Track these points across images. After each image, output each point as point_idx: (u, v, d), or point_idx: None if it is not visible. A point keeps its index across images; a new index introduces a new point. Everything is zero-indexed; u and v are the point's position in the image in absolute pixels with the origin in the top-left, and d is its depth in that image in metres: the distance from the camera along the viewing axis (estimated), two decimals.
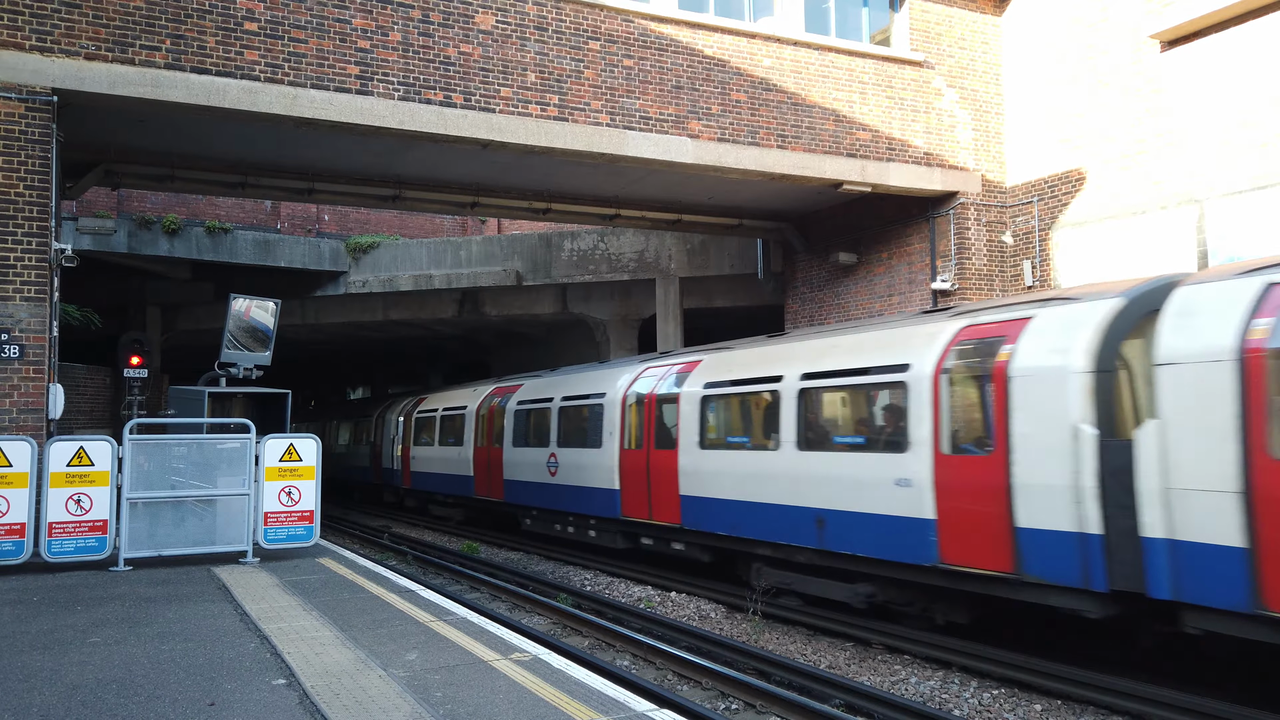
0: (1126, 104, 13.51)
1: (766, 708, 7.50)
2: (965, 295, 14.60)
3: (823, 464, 9.92)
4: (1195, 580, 6.51)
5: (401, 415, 23.47)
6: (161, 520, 9.76)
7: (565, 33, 12.71)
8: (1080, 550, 7.23)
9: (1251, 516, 6.20)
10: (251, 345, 11.87)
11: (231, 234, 21.28)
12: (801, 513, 10.07)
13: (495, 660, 5.78)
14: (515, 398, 17.55)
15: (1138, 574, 6.90)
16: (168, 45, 10.74)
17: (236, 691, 5.19)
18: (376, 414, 26.00)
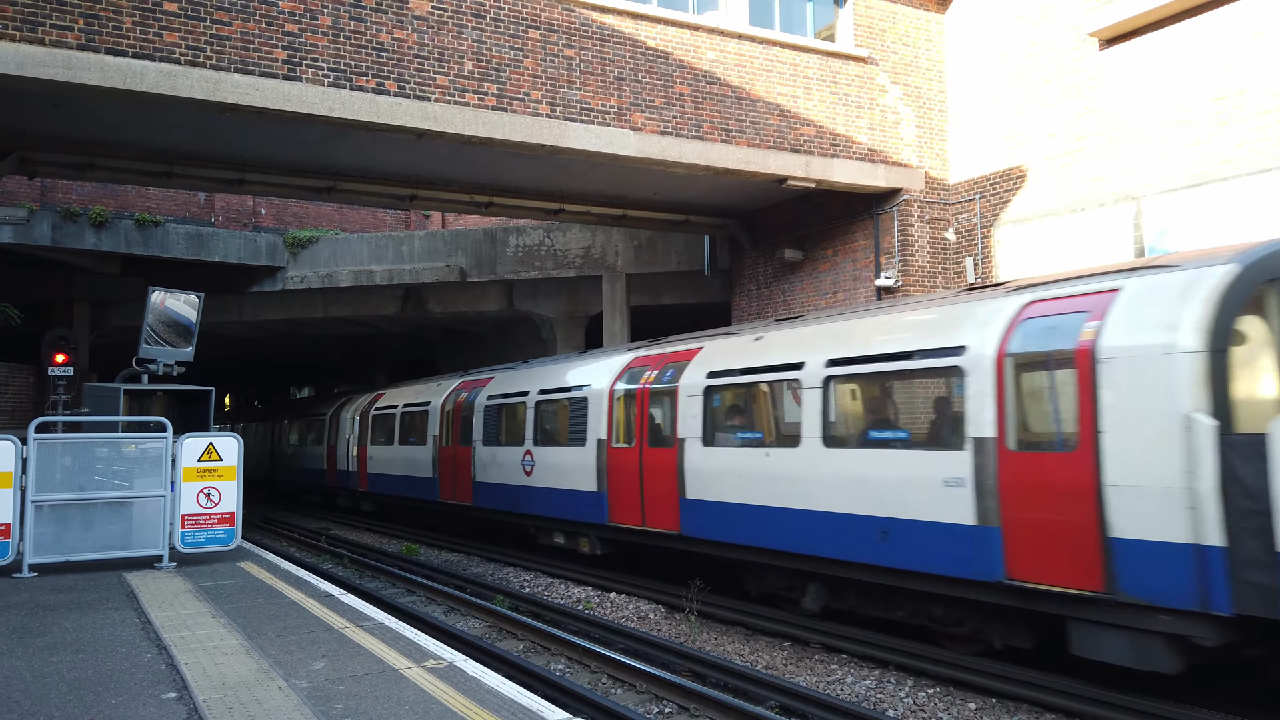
0: (1067, 102, 13.57)
1: (700, 710, 7.30)
2: (908, 292, 14.56)
3: (856, 463, 8.65)
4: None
5: (357, 414, 21.97)
6: (70, 524, 9.28)
7: (504, 20, 12.38)
8: (1195, 566, 6.04)
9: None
10: (173, 340, 11.37)
11: (163, 227, 20.54)
12: (824, 519, 8.88)
13: (407, 669, 5.48)
14: (485, 392, 16.46)
15: (1273, 595, 5.76)
16: (81, 25, 10.20)
17: (121, 707, 4.84)
18: (331, 412, 24.22)
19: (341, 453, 22.67)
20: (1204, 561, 6.01)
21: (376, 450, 20.71)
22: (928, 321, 8.55)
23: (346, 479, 22.23)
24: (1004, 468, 7.17)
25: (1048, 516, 6.84)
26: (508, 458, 15.14)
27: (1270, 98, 11.19)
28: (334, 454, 23.26)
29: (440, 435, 18.00)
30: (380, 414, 20.32)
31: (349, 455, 22.04)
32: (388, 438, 19.94)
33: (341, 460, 22.73)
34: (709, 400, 10.69)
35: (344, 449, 22.56)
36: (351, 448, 21.85)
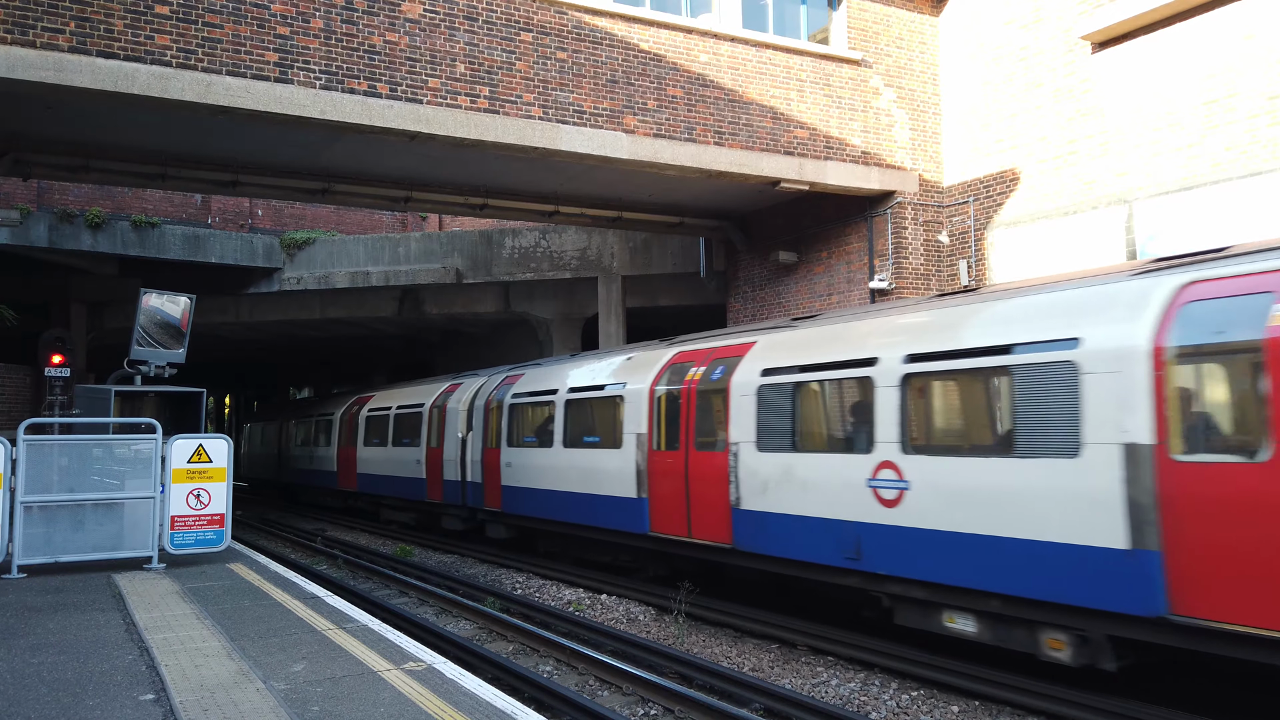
0: (1059, 105, 13.58)
1: (685, 712, 7.31)
2: (902, 294, 14.57)
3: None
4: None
5: (479, 405, 16.73)
6: (59, 525, 9.30)
7: (496, 23, 12.41)
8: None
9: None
10: (165, 341, 11.39)
11: (159, 229, 20.58)
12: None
13: (386, 670, 5.50)
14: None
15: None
16: (72, 28, 10.24)
17: (98, 708, 4.85)
18: (430, 404, 18.87)
19: (453, 456, 17.09)
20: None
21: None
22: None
23: (465, 493, 16.51)
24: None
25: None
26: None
27: (1260, 101, 11.20)
28: (437, 460, 17.66)
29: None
30: (526, 404, 14.94)
31: (470, 461, 16.43)
32: (546, 436, 14.19)
33: (452, 468, 17.04)
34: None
35: (459, 452, 16.88)
36: (473, 450, 16.36)
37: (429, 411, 18.09)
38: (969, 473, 7.42)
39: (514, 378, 15.58)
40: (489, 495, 15.49)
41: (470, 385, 17.10)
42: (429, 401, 18.15)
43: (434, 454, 17.73)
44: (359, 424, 21.56)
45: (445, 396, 17.78)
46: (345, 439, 22.46)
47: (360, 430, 21.38)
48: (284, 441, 28.75)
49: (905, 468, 7.95)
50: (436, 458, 17.59)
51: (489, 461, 15.51)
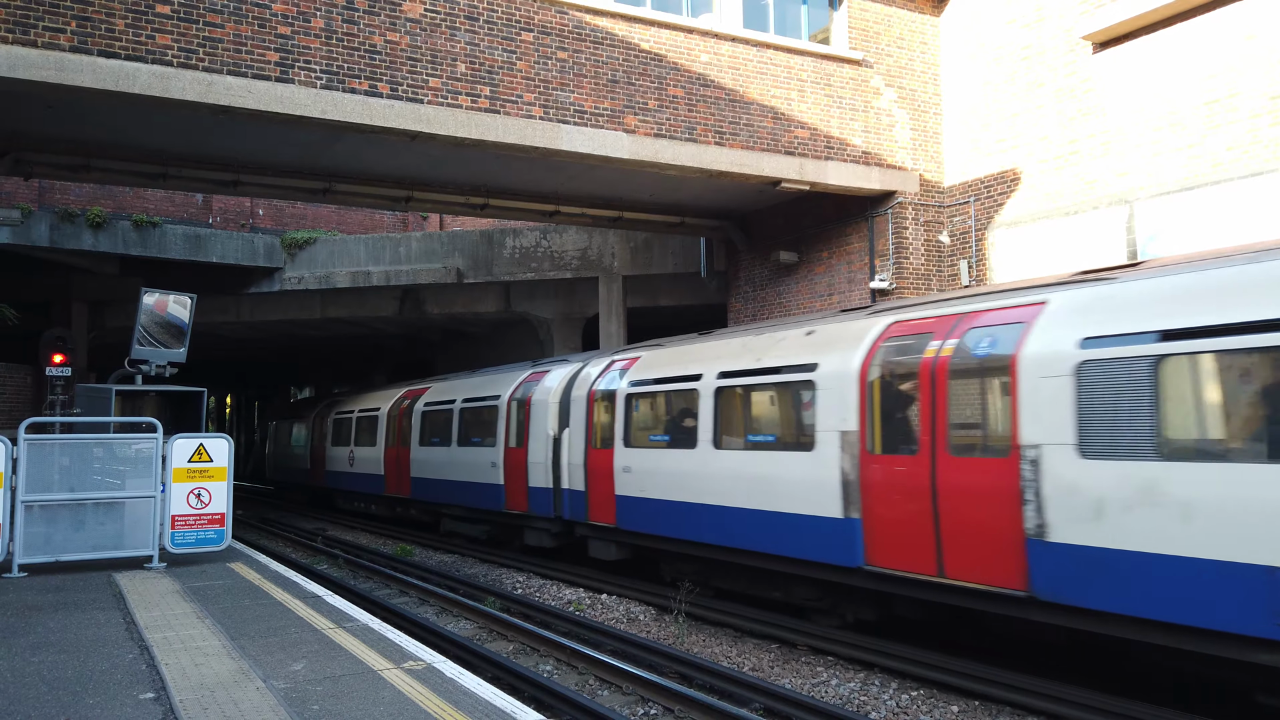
0: (1060, 105, 13.57)
1: (685, 712, 7.31)
2: (903, 295, 14.57)
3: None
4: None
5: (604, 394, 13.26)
6: (60, 524, 9.31)
7: (497, 23, 12.41)
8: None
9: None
10: (166, 341, 11.40)
11: (161, 228, 20.59)
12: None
13: (386, 670, 5.50)
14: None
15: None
16: (73, 27, 10.25)
17: (98, 707, 4.86)
18: (508, 396, 15.63)
19: (541, 459, 13.96)
20: None
21: (644, 457, 11.85)
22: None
23: (559, 503, 13.53)
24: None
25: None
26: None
27: (1262, 101, 11.19)
28: (519, 463, 14.63)
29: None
30: (652, 394, 12.01)
31: (567, 465, 13.32)
32: (685, 435, 11.18)
33: (540, 472, 13.96)
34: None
35: (549, 453, 13.85)
36: (571, 451, 13.28)
37: (507, 405, 15.20)
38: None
39: (627, 361, 12.69)
40: (595, 507, 12.50)
41: (560, 373, 14.27)
42: (506, 393, 15.36)
43: (515, 456, 14.73)
44: (413, 420, 18.85)
45: (528, 387, 14.90)
46: (395, 437, 19.76)
47: (415, 428, 18.70)
48: (317, 441, 25.44)
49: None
50: (518, 461, 14.61)
51: (596, 465, 12.55)
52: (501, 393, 15.63)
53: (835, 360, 8.97)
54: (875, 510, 8.34)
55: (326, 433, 24.47)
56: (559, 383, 14.15)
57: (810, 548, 8.98)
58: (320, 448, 25.10)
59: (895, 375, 8.45)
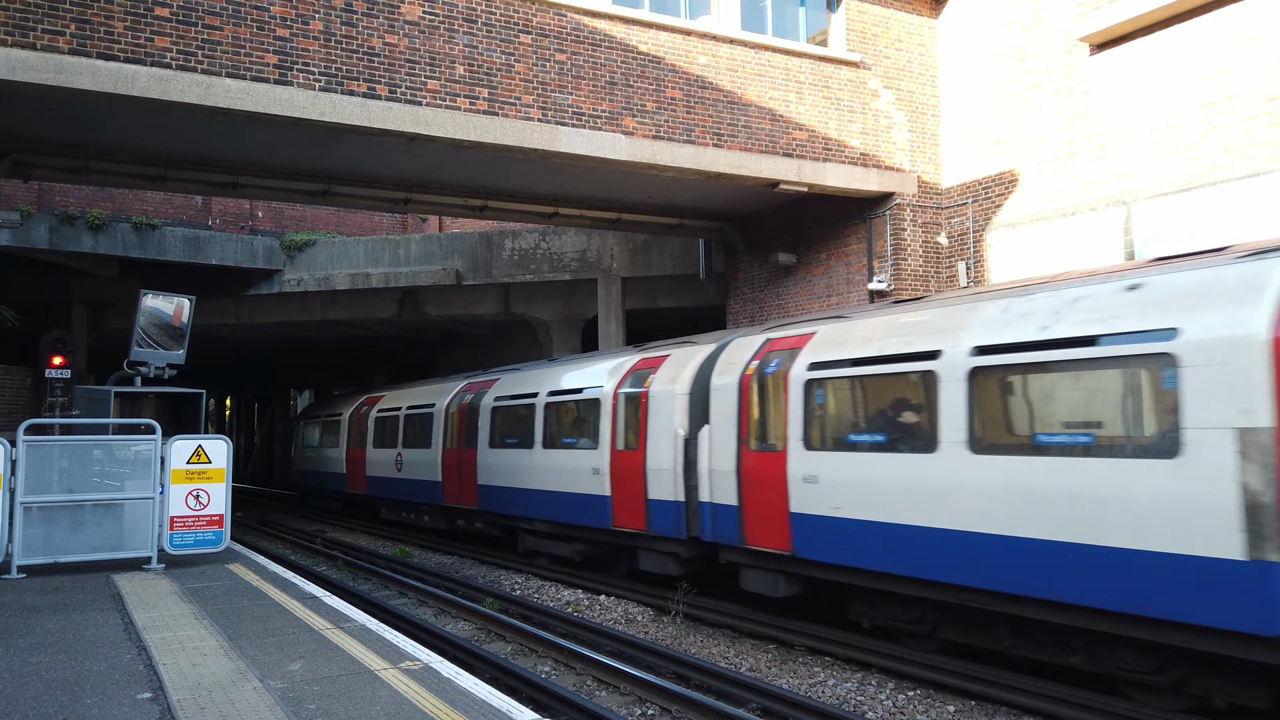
0: (1058, 106, 13.60)
1: (683, 712, 7.32)
2: (901, 295, 14.58)
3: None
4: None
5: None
6: (58, 525, 9.33)
7: (495, 25, 12.44)
8: None
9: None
10: (165, 343, 11.42)
11: (160, 230, 20.62)
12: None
13: (383, 670, 5.52)
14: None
15: None
16: (72, 30, 10.27)
17: (95, 706, 4.88)
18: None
19: (666, 464, 11.40)
20: None
21: (841, 464, 9.20)
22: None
23: (693, 520, 11.04)
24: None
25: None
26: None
27: (1259, 103, 11.21)
28: (633, 469, 11.96)
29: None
30: (851, 378, 9.22)
31: (707, 471, 10.76)
32: (913, 436, 8.59)
33: (664, 481, 11.40)
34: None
35: (676, 458, 11.27)
36: (711, 454, 10.75)
37: (613, 399, 12.51)
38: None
39: (795, 338, 9.93)
40: (756, 527, 9.83)
41: (686, 357, 11.72)
42: (610, 384, 12.71)
43: (625, 461, 12.07)
44: (480, 418, 16.21)
45: (640, 376, 12.27)
46: (456, 438, 17.16)
47: (484, 427, 16.06)
48: (354, 442, 22.59)
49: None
50: (630, 467, 11.94)
51: (755, 473, 9.91)
52: (603, 384, 12.87)
53: (1220, 320, 6.27)
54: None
55: (367, 433, 21.61)
56: (688, 370, 11.45)
57: (1165, 602, 6.28)
58: (358, 450, 22.14)
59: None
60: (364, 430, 21.84)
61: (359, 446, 22.08)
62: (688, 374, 11.47)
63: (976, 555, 7.51)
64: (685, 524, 11.03)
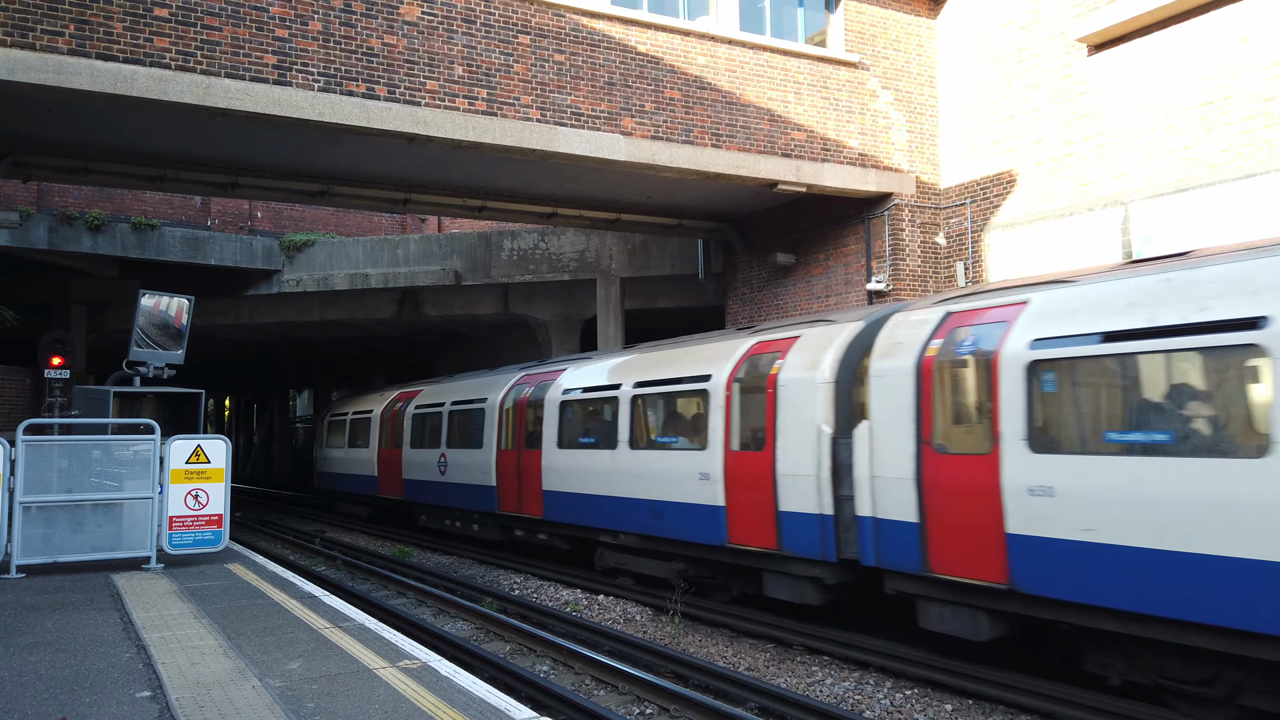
0: (1056, 107, 13.62)
1: (681, 711, 7.34)
2: (900, 296, 14.61)
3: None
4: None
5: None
6: (57, 525, 9.34)
7: (494, 26, 12.46)
8: None
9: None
10: (164, 343, 11.43)
11: (159, 230, 20.63)
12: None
13: (381, 668, 5.53)
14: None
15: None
16: (71, 30, 10.29)
17: (94, 705, 4.89)
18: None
19: (805, 469, 9.46)
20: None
21: (1089, 474, 7.04)
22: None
23: (844, 538, 9.12)
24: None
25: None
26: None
27: (1256, 103, 11.24)
28: (758, 475, 10.06)
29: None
30: (1115, 356, 7.06)
31: (866, 479, 8.82)
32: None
33: (801, 489, 9.50)
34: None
35: (819, 461, 9.35)
36: (869, 457, 8.84)
37: (726, 390, 10.58)
38: None
39: (999, 311, 7.89)
40: (950, 550, 7.78)
41: (823, 340, 9.73)
42: (721, 372, 10.75)
43: (746, 465, 10.18)
44: (545, 415, 14.20)
45: (763, 362, 10.33)
46: (513, 438, 15.25)
47: (548, 424, 14.10)
48: (387, 442, 20.58)
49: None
50: (753, 471, 10.03)
51: (945, 481, 7.87)
52: (711, 372, 10.91)
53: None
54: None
55: (403, 431, 19.65)
56: (830, 353, 9.44)
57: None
58: (393, 451, 20.14)
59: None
60: (399, 429, 19.89)
61: (393, 446, 20.07)
62: (831, 358, 9.43)
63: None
64: (835, 543, 8.97)
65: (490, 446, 15.77)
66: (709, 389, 10.87)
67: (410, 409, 19.52)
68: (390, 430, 20.37)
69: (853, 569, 8.95)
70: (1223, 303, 6.18)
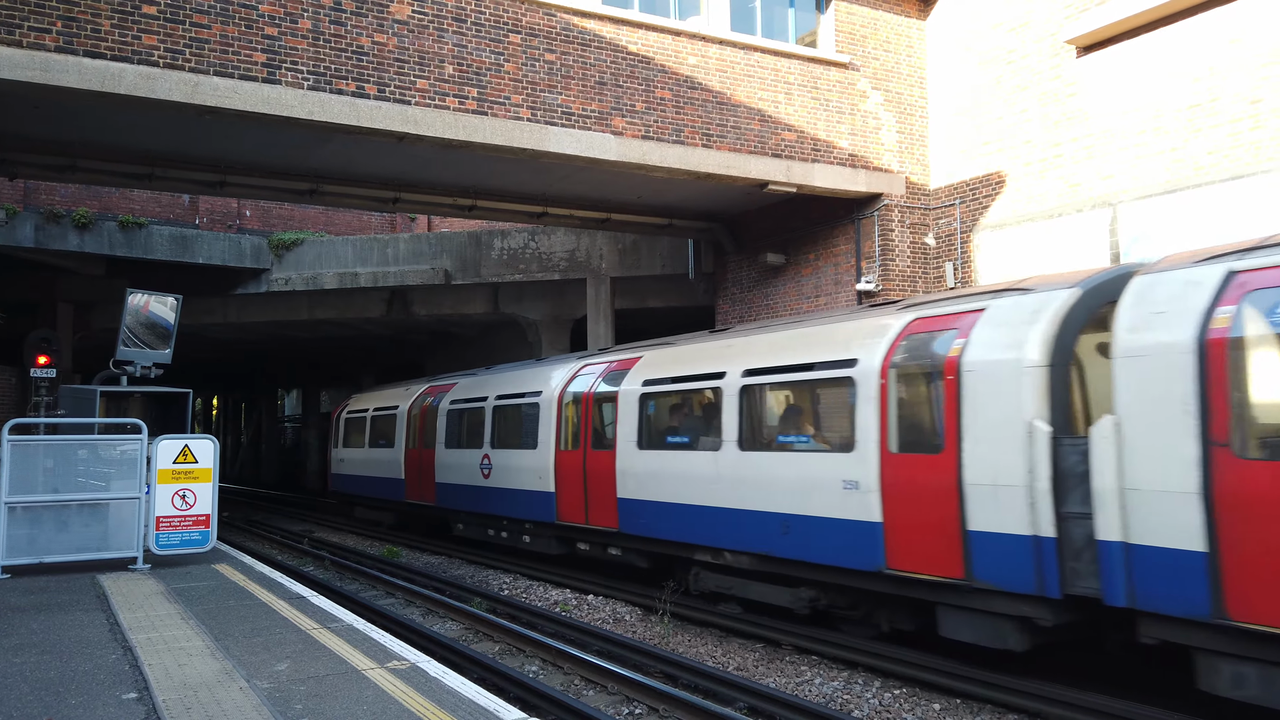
0: (1044, 109, 13.68)
1: (670, 711, 7.34)
2: (889, 296, 14.65)
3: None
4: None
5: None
6: (43, 526, 9.28)
7: (485, 25, 12.43)
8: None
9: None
10: (151, 342, 11.37)
11: (147, 229, 20.52)
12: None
13: (370, 669, 5.51)
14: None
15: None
16: (59, 27, 10.22)
17: (80, 707, 4.86)
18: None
19: (991, 475, 7.47)
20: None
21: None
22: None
23: (1184, 586, 6.22)
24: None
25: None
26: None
27: (1243, 105, 11.31)
28: (935, 484, 7.89)
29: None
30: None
31: (1154, 494, 6.44)
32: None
33: (1001, 504, 7.36)
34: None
35: (1093, 463, 6.87)
36: (1166, 467, 6.39)
37: (880, 376, 8.45)
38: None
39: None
40: (1263, 594, 5.84)
41: (1024, 312, 7.66)
42: (872, 356, 8.66)
43: (912, 470, 8.13)
44: (617, 409, 12.34)
45: (938, 343, 8.18)
46: (573, 436, 13.25)
47: (624, 421, 12.05)
48: (415, 442, 18.37)
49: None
50: (924, 479, 8.00)
51: (1259, 497, 5.91)
52: (858, 355, 8.81)
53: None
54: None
55: (435, 429, 17.45)
56: (1039, 329, 7.37)
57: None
58: (423, 452, 17.88)
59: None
60: (430, 426, 17.62)
61: (424, 446, 17.76)
62: (1041, 335, 7.33)
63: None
64: (1058, 573, 6.94)
65: (548, 447, 13.60)
66: (856, 376, 8.70)
67: (445, 404, 17.35)
68: (420, 428, 18.17)
69: (1079, 606, 6.97)
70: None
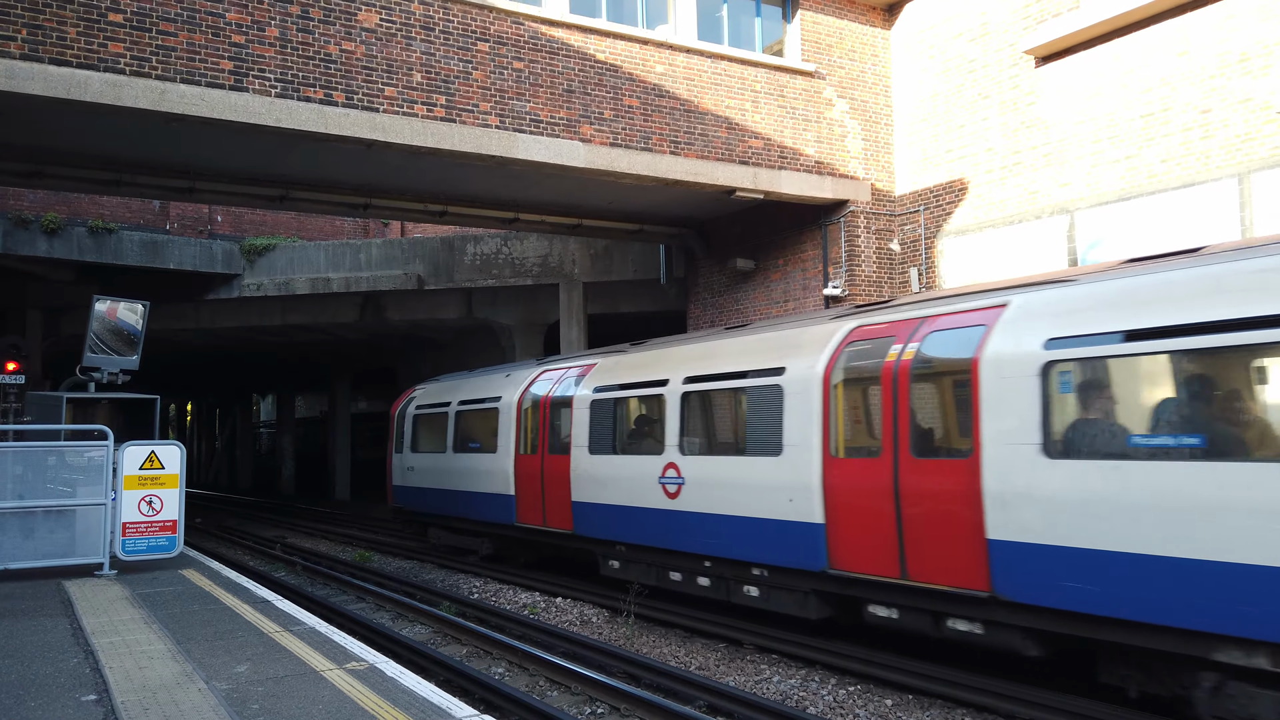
0: (1004, 117, 13.97)
1: (631, 710, 7.47)
2: (855, 301, 14.88)
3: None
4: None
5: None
6: (8, 532, 9.28)
7: (453, 33, 12.55)
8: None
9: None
10: (119, 348, 11.38)
11: (116, 234, 20.44)
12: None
13: (328, 670, 5.62)
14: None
15: None
16: (24, 35, 10.23)
17: (40, 708, 4.93)
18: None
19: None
20: None
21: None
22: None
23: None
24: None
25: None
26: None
27: (1193, 115, 11.62)
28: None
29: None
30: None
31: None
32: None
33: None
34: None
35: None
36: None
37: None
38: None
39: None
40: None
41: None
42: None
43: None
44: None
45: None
46: (871, 432, 8.68)
47: (1003, 413, 7.03)
48: (532, 445, 13.49)
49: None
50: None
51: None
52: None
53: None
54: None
55: (567, 427, 12.69)
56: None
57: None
58: (548, 460, 13.02)
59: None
60: (556, 423, 12.96)
61: (554, 451, 12.77)
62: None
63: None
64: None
65: (812, 449, 8.52)
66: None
67: (586, 394, 12.24)
68: (543, 426, 13.22)
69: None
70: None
